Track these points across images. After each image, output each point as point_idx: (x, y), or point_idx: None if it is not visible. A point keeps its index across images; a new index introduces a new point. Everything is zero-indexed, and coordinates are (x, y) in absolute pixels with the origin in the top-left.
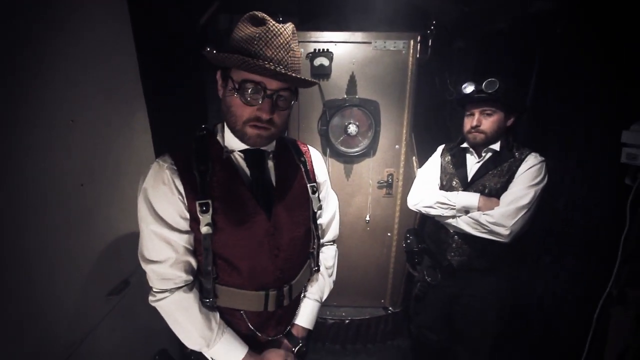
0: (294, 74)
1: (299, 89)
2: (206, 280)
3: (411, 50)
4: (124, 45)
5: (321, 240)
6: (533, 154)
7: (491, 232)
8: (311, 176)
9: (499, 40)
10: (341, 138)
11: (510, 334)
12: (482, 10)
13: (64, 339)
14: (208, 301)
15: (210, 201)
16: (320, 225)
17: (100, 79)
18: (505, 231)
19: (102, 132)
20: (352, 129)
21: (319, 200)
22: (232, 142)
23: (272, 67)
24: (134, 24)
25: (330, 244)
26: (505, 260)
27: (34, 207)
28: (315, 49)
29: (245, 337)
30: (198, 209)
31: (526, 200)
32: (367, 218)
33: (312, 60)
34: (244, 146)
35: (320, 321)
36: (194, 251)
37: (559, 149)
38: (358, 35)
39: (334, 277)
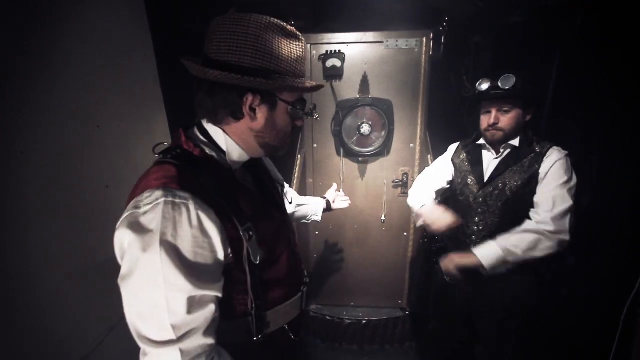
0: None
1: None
2: (257, 317)
3: (424, 48)
4: (143, 52)
5: None
6: (555, 148)
7: (555, 245)
8: (275, 175)
9: (516, 34)
10: (354, 138)
11: (532, 336)
12: (497, 4)
13: (87, 334)
14: (258, 338)
15: (250, 224)
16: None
17: (122, 86)
18: (566, 236)
19: (125, 137)
20: (365, 128)
21: (289, 194)
22: (236, 156)
23: (318, 85)
24: (153, 31)
25: None
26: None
27: (65, 207)
28: (327, 51)
29: (286, 349)
30: (244, 238)
31: (569, 202)
32: (383, 218)
33: (324, 62)
34: (246, 158)
35: (337, 321)
36: (228, 297)
37: (581, 143)
38: (370, 35)
39: None
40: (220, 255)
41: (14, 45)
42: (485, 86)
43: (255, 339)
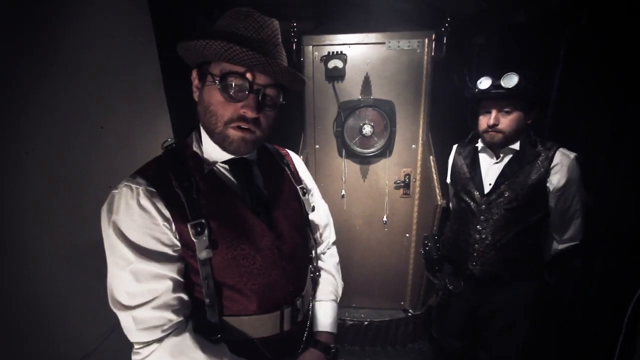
0: (283, 65)
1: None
2: (210, 313)
3: (426, 49)
4: (147, 53)
5: (322, 245)
6: (561, 150)
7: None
8: (297, 178)
9: (520, 34)
10: (356, 139)
11: (537, 340)
12: (501, 4)
13: (89, 334)
14: (215, 338)
15: (204, 221)
16: (318, 227)
17: (126, 87)
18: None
19: (128, 138)
20: (367, 129)
21: (310, 202)
22: (212, 152)
23: (261, 58)
24: (157, 34)
25: (332, 247)
26: (532, 266)
27: (68, 207)
28: (329, 52)
29: None
30: (191, 231)
31: (583, 214)
32: (385, 219)
33: (326, 63)
34: (226, 156)
35: (339, 322)
36: (187, 284)
37: (585, 144)
38: (372, 36)
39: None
40: (171, 239)
41: (19, 46)
42: (486, 84)
43: (213, 338)
